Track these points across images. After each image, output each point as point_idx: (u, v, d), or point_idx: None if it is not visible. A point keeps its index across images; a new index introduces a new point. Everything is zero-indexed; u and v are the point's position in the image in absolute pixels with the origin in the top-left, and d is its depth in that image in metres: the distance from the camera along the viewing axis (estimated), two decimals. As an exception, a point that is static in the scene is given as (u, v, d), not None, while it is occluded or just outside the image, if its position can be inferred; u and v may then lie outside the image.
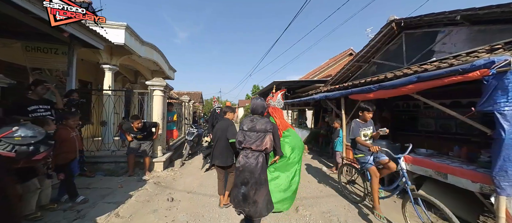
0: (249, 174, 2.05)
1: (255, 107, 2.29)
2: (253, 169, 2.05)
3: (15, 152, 1.60)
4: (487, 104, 2.09)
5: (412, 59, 4.45)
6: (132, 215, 2.69)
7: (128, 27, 5.15)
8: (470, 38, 3.52)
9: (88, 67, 7.16)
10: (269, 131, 2.14)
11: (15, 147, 1.60)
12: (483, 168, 2.43)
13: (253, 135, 2.13)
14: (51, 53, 3.79)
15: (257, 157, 2.09)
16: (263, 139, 2.11)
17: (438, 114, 4.33)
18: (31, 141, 1.65)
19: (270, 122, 2.21)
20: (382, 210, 2.91)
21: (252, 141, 2.11)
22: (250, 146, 2.11)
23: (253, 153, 2.10)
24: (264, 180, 2.10)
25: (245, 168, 2.08)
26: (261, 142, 2.10)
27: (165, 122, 5.03)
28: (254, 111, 2.30)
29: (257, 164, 2.06)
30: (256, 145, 2.09)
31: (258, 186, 2.05)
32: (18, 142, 1.61)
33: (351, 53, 12.95)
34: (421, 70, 3.05)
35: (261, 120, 2.19)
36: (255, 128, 2.14)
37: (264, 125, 2.15)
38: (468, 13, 3.23)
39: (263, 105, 2.30)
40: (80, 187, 3.33)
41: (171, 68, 9.58)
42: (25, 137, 1.64)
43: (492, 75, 2.00)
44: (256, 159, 2.08)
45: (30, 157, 1.66)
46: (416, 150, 3.38)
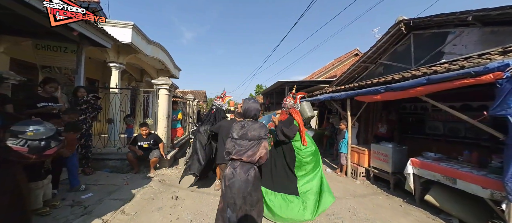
0: (236, 192, 1.70)
1: (247, 109, 1.94)
2: (241, 185, 1.70)
3: (28, 147, 1.64)
4: (500, 108, 2.03)
5: (421, 60, 4.36)
6: (138, 212, 2.72)
7: (135, 26, 5.21)
8: (482, 40, 3.42)
9: (96, 65, 7.28)
10: (263, 138, 1.81)
11: (28, 142, 1.65)
12: (494, 174, 2.36)
13: (244, 144, 1.79)
14: (60, 51, 3.87)
15: (247, 170, 1.74)
16: (256, 148, 1.76)
17: (447, 117, 4.23)
18: (43, 136, 1.69)
19: (264, 127, 1.89)
20: (389, 213, 2.87)
21: (243, 151, 1.77)
22: (240, 157, 1.76)
23: (243, 166, 1.75)
24: (255, 201, 1.74)
25: (231, 184, 1.72)
26: (253, 152, 1.75)
27: (170, 121, 5.07)
28: (246, 115, 1.95)
29: (247, 180, 1.71)
30: (248, 156, 1.74)
31: (248, 208, 1.71)
32: (30, 137, 1.65)
33: (357, 54, 12.79)
34: (431, 72, 2.98)
35: (253, 126, 1.84)
36: (246, 136, 1.80)
37: (257, 131, 1.80)
38: (481, 14, 3.14)
39: (257, 108, 1.97)
40: (87, 183, 3.39)
41: (176, 67, 9.66)
42: (36, 133, 1.68)
43: (506, 79, 1.94)
44: (247, 172, 1.73)
45: (42, 152, 1.70)
46: (423, 154, 3.31)
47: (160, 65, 8.34)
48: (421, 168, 3.08)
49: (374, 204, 3.21)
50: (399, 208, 3.09)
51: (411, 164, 3.21)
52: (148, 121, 4.90)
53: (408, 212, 2.96)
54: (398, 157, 3.76)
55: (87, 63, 4.58)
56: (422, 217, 2.83)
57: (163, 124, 4.74)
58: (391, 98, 3.33)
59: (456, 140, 4.03)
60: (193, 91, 22.13)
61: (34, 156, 1.68)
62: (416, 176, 3.17)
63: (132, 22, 5.12)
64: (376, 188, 3.92)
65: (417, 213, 2.94)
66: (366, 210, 3.00)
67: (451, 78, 2.41)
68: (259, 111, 2.04)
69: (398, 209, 3.05)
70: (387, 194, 3.60)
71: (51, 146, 1.76)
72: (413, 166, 3.18)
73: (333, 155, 6.27)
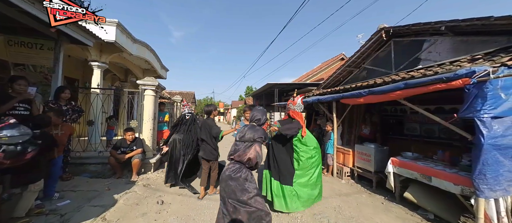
0: (225, 185, 1.85)
1: (252, 115, 2.18)
2: (228, 184, 1.82)
3: (3, 152, 1.54)
4: (468, 111, 2.22)
5: (400, 65, 4.63)
6: (120, 219, 2.60)
7: (119, 24, 5.02)
8: (454, 48, 3.72)
9: (76, 64, 6.89)
10: (257, 141, 1.93)
11: (3, 146, 1.54)
12: (464, 172, 2.57)
13: (241, 146, 1.94)
14: (35, 48, 3.61)
15: (238, 169, 1.85)
16: (248, 149, 1.88)
17: (423, 119, 4.53)
18: (19, 140, 1.59)
19: (261, 130, 2.03)
20: (371, 211, 3.00)
21: (236, 152, 1.92)
22: (233, 156, 1.93)
23: (234, 165, 1.89)
24: (243, 202, 1.78)
25: (223, 179, 1.88)
26: (243, 152, 1.86)
27: (156, 123, 4.92)
28: (251, 119, 2.18)
29: (238, 178, 1.82)
30: (238, 156, 1.88)
31: (237, 204, 1.78)
32: (5, 142, 1.54)
33: (342, 58, 13.29)
34: (409, 77, 3.19)
35: (251, 129, 2.01)
36: (244, 138, 1.97)
37: (252, 134, 1.95)
38: (452, 24, 3.41)
39: (260, 115, 2.16)
40: (64, 190, 3.19)
41: (163, 67, 9.41)
42: (12, 137, 1.57)
43: (473, 84, 2.13)
44: (235, 171, 1.84)
45: (19, 157, 1.59)
46: (402, 154, 3.51)
47: (146, 65, 8.08)
48: (400, 167, 3.26)
49: (358, 202, 3.33)
50: (381, 206, 3.24)
51: (391, 163, 3.39)
52: (132, 123, 4.72)
53: (389, 209, 3.11)
54: (380, 157, 3.95)
55: (66, 61, 4.32)
56: (401, 213, 2.99)
57: (149, 126, 4.59)
58: (373, 101, 3.50)
59: (431, 140, 4.32)
60: (181, 92, 21.64)
61: (8, 162, 1.57)
62: (396, 175, 3.35)
63: (117, 20, 4.92)
64: (360, 187, 4.08)
65: (397, 209, 3.10)
66: (350, 208, 3.11)
67: (426, 83, 2.59)
68: (265, 113, 2.21)
69: (380, 207, 3.20)
70: (370, 193, 3.76)
71: (28, 150, 1.66)
72: (393, 165, 3.36)
73: (320, 156, 6.43)
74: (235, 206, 1.78)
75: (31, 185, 2.23)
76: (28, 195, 2.27)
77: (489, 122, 2.09)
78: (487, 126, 2.09)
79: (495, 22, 2.84)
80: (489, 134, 2.09)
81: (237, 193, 1.79)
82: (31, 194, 2.29)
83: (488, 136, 2.08)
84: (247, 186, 1.83)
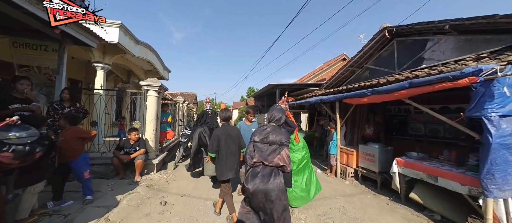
0: (263, 196, 1.68)
1: (271, 114, 2.01)
2: (267, 189, 1.67)
3: (13, 151, 1.55)
4: (475, 109, 2.18)
5: (403, 65, 4.60)
6: (123, 220, 2.60)
7: (122, 25, 5.05)
8: (458, 47, 3.68)
9: (79, 65, 6.94)
10: (285, 144, 1.82)
11: (12, 146, 1.55)
12: (471, 171, 2.53)
13: (265, 148, 1.81)
14: (40, 50, 3.63)
15: (271, 173, 1.73)
16: (277, 153, 1.77)
17: (427, 118, 4.48)
18: (28, 140, 1.60)
19: (286, 133, 1.93)
20: (376, 212, 2.96)
21: (264, 155, 1.78)
22: (262, 161, 1.77)
23: (265, 169, 1.75)
24: (283, 208, 1.70)
25: (256, 190, 1.68)
26: (275, 156, 1.76)
27: (159, 123, 4.93)
28: (269, 120, 2.02)
29: (273, 182, 1.69)
30: (270, 160, 1.75)
31: (280, 210, 1.68)
32: (14, 142, 1.56)
33: (344, 58, 13.26)
34: (413, 76, 3.16)
35: (275, 131, 1.88)
36: (267, 139, 1.83)
37: (278, 136, 1.82)
38: (456, 23, 3.38)
39: (280, 114, 2.00)
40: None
41: (165, 69, 9.44)
42: (20, 137, 1.58)
43: (480, 83, 2.10)
44: (270, 176, 1.71)
45: (27, 157, 1.60)
46: (407, 154, 3.47)
47: (149, 66, 8.11)
48: (406, 167, 3.22)
49: (363, 203, 3.30)
50: (386, 207, 3.20)
51: (396, 163, 3.35)
52: (135, 124, 4.73)
53: (394, 210, 3.07)
54: (384, 157, 3.91)
55: (69, 62, 4.35)
56: (407, 214, 2.95)
57: (152, 127, 4.59)
58: (377, 101, 3.47)
59: (436, 140, 4.27)
60: (183, 93, 21.71)
61: (17, 162, 1.59)
62: (401, 175, 3.31)
63: (120, 21, 4.95)
64: (364, 187, 4.04)
65: (403, 210, 3.06)
66: (355, 209, 3.08)
67: (431, 82, 2.56)
68: (283, 112, 2.06)
69: (385, 207, 3.16)
70: (375, 193, 3.72)
71: (36, 150, 1.67)
72: (398, 166, 3.32)
73: (323, 156, 6.40)
74: (278, 210, 1.69)
75: (31, 187, 2.20)
76: (27, 197, 2.25)
77: (497, 120, 2.06)
78: (495, 125, 2.05)
79: (500, 20, 2.81)
80: (498, 133, 2.05)
81: (282, 198, 1.70)
82: (31, 195, 2.26)
83: (497, 135, 2.05)
84: (284, 189, 1.77)
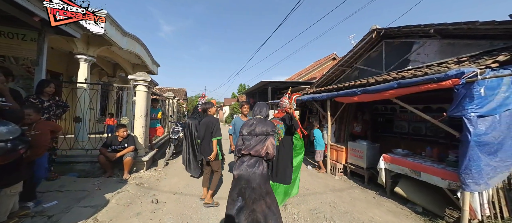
0: (245, 182, 1.85)
1: (257, 108, 2.18)
2: (250, 177, 1.84)
3: None
4: (456, 110, 2.35)
5: (391, 66, 4.80)
6: (113, 219, 2.51)
7: (108, 15, 4.76)
8: (441, 50, 3.91)
9: (60, 57, 6.49)
10: (270, 134, 1.95)
11: None
12: (451, 167, 2.73)
13: (252, 140, 1.95)
14: (17, 38, 3.33)
15: (255, 163, 1.88)
16: (263, 143, 1.91)
17: (411, 117, 4.74)
18: (9, 137, 1.47)
19: (271, 124, 2.06)
20: (364, 205, 3.11)
21: (251, 146, 1.92)
22: (248, 151, 1.91)
23: (250, 159, 1.91)
24: (265, 193, 1.84)
25: (240, 176, 1.87)
26: (261, 147, 1.90)
27: (149, 119, 4.77)
28: (255, 113, 2.17)
29: (255, 172, 1.85)
30: (255, 150, 1.89)
31: (258, 197, 1.80)
32: None
33: (334, 58, 13.56)
34: (399, 77, 3.31)
35: (261, 122, 2.03)
36: (254, 132, 1.97)
37: (264, 128, 1.97)
38: (441, 27, 3.58)
39: (265, 106, 2.21)
40: (50, 190, 3.02)
41: (154, 63, 9.09)
42: (1, 133, 1.45)
43: (462, 85, 2.26)
44: (254, 166, 1.87)
45: (8, 155, 1.48)
46: (393, 150, 3.66)
47: (137, 60, 7.76)
48: (392, 163, 3.40)
49: (351, 197, 3.45)
50: (373, 200, 3.37)
51: (383, 159, 3.52)
52: (123, 120, 4.54)
53: (381, 203, 3.25)
54: (371, 154, 4.09)
55: (49, 53, 4.04)
56: (392, 207, 3.13)
57: (141, 124, 4.44)
58: (367, 100, 3.61)
59: (419, 137, 4.54)
60: (173, 89, 21.09)
61: None
62: (387, 171, 3.49)
63: (106, 11, 4.67)
64: (352, 182, 4.22)
65: (388, 203, 3.24)
66: (344, 203, 3.21)
67: (418, 83, 2.71)
68: (268, 108, 2.24)
69: (372, 201, 3.33)
70: (362, 188, 3.90)
71: (18, 148, 1.55)
72: (385, 162, 3.50)
73: (313, 153, 6.56)
74: (256, 197, 1.80)
75: (6, 189, 2.04)
76: (4, 199, 2.08)
77: (475, 120, 2.23)
78: (474, 124, 2.23)
79: (480, 26, 3.02)
80: (475, 132, 2.23)
81: (262, 186, 1.83)
82: (7, 197, 2.10)
83: (474, 133, 2.22)
84: (267, 177, 1.93)
